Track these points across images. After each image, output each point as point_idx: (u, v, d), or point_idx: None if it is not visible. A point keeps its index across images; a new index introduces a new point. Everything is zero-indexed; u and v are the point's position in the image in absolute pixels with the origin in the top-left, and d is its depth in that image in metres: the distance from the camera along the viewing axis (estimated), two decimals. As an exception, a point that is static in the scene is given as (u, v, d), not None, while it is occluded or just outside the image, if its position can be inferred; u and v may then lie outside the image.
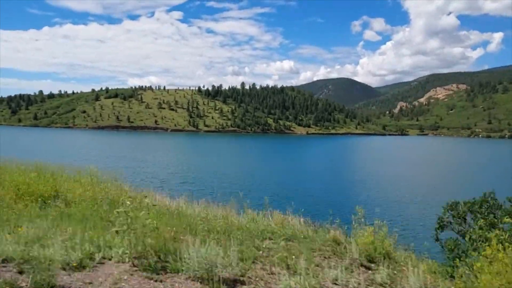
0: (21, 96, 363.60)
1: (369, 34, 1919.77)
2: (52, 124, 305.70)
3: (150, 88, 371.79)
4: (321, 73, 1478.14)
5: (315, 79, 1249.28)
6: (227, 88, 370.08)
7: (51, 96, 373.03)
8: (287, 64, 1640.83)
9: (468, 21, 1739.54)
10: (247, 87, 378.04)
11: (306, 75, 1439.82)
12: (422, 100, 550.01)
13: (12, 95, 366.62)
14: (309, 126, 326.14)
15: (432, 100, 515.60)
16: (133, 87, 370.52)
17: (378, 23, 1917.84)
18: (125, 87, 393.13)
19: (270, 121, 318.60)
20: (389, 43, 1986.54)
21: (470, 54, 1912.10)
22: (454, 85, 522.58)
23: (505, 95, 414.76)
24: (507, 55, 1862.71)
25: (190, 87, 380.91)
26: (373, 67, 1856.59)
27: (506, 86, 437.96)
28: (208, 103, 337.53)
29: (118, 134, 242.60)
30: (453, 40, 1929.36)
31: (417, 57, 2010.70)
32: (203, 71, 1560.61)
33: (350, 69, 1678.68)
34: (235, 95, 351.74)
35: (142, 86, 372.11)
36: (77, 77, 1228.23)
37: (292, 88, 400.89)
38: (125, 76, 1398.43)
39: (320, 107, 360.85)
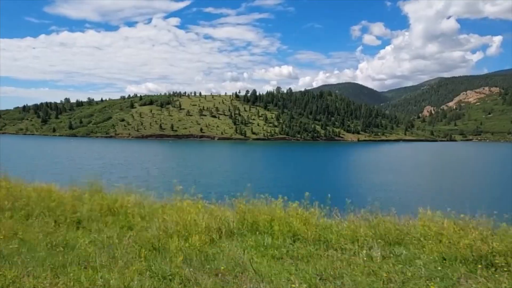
0: (47, 104, 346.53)
1: (368, 39, 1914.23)
2: (91, 133, 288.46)
3: (185, 94, 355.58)
4: (320, 78, 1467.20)
5: (314, 84, 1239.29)
6: (258, 92, 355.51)
7: (79, 104, 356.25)
8: (286, 69, 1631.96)
9: (467, 24, 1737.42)
10: (283, 91, 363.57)
11: (305, 80, 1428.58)
12: (451, 104, 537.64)
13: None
14: (358, 133, 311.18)
15: (462, 104, 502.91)
16: (168, 93, 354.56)
17: (378, 28, 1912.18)
18: (124, 94, 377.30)
19: (318, 127, 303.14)
20: (388, 48, 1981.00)
21: (470, 58, 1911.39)
22: (486, 88, 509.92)
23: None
24: (507, 58, 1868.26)
25: (226, 92, 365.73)
26: (372, 72, 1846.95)
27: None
28: (249, 109, 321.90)
29: (171, 144, 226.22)
30: (453, 44, 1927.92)
31: (417, 61, 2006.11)
32: (202, 77, 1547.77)
33: (349, 74, 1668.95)
34: (276, 101, 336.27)
35: (176, 92, 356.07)
36: (75, 85, 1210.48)
37: (329, 93, 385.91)
38: (123, 83, 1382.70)
39: (364, 112, 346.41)
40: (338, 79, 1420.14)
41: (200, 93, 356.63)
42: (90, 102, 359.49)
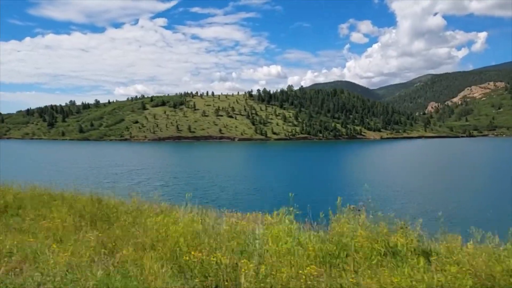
0: (52, 107, 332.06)
1: (356, 37, 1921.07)
2: (104, 137, 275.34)
3: (197, 94, 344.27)
4: (308, 77, 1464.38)
5: (303, 83, 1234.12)
6: (269, 90, 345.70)
7: (86, 106, 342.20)
8: (275, 69, 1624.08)
9: (453, 21, 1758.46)
10: (296, 88, 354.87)
11: (294, 80, 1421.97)
12: (455, 99, 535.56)
13: (42, 106, 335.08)
14: (379, 130, 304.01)
15: (468, 100, 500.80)
16: (180, 94, 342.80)
17: (365, 25, 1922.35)
18: (111, 96, 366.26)
19: (338, 126, 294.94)
20: (375, 45, 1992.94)
21: (456, 54, 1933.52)
22: (491, 83, 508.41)
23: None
24: (491, 54, 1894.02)
25: (238, 92, 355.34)
26: (360, 70, 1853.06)
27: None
28: (266, 109, 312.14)
29: (192, 146, 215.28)
30: (439, 40, 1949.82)
31: (404, 59, 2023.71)
32: (190, 78, 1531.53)
33: (337, 72, 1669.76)
34: (292, 99, 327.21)
35: (188, 93, 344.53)
36: (62, 87, 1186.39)
37: (342, 90, 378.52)
38: (110, 85, 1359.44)
39: (380, 110, 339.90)
40: (326, 78, 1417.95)
41: (212, 93, 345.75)
42: (97, 104, 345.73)
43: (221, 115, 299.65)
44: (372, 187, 47.08)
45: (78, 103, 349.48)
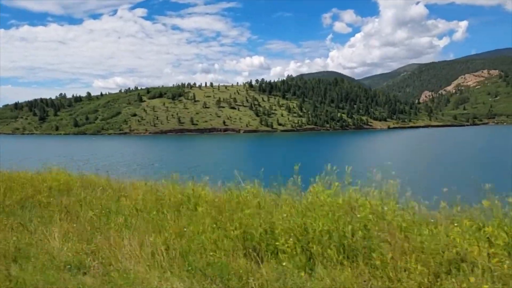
0: (42, 101, 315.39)
1: (339, 26, 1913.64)
2: (102, 131, 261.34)
3: (194, 85, 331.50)
4: (292, 67, 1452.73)
5: (286, 74, 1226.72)
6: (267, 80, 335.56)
7: (77, 99, 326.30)
8: (257, 59, 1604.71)
9: (435, 10, 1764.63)
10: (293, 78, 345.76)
11: (276, 71, 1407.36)
12: (449, 88, 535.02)
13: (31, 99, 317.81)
14: (384, 120, 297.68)
15: (462, 88, 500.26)
16: (177, 85, 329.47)
17: (348, 15, 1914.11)
18: (91, 89, 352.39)
19: (344, 116, 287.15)
20: (358, 35, 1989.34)
21: (437, 43, 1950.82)
22: (485, 71, 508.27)
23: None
24: (472, 43, 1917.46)
25: (237, 82, 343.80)
26: (343, 60, 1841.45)
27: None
28: (268, 99, 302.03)
29: (201, 139, 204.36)
30: (421, 29, 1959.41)
31: (386, 48, 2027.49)
32: (171, 69, 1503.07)
33: (320, 62, 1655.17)
34: (294, 89, 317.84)
35: (186, 84, 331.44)
36: (39, 81, 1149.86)
37: (342, 80, 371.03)
38: (89, 78, 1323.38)
39: (383, 99, 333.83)
40: (309, 68, 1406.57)
41: (211, 84, 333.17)
42: (90, 97, 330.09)
43: (223, 107, 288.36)
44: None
45: (53, 97, 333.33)
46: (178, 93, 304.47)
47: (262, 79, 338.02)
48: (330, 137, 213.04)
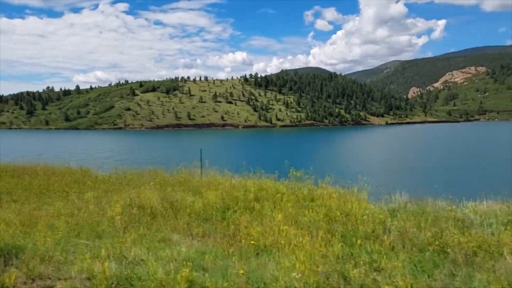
0: (28, 94, 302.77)
1: (320, 24, 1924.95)
2: (95, 125, 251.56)
3: (188, 78, 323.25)
4: (274, 64, 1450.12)
5: (268, 70, 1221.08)
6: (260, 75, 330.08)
7: (66, 92, 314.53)
8: (240, 55, 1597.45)
9: (415, 8, 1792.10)
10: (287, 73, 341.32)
11: (259, 67, 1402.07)
12: (437, 85, 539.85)
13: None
14: (382, 116, 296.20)
15: (450, 84, 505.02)
16: (171, 79, 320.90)
17: (330, 13, 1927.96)
18: (71, 84, 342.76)
19: (342, 111, 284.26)
20: (339, 33, 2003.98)
21: (416, 42, 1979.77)
22: (472, 68, 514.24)
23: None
24: (450, 41, 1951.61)
25: (232, 76, 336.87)
26: (325, 57, 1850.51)
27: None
28: (265, 94, 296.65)
29: (204, 134, 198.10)
30: (401, 28, 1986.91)
31: (367, 46, 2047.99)
32: (153, 65, 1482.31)
33: (302, 59, 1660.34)
34: (291, 84, 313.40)
35: (179, 78, 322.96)
36: (17, 75, 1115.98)
37: (336, 75, 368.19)
38: (70, 72, 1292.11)
39: (378, 95, 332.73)
40: (292, 65, 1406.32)
41: (206, 78, 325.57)
42: (79, 90, 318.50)
43: (220, 101, 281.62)
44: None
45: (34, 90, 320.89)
46: (173, 87, 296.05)
47: (256, 74, 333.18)
48: (335, 133, 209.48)
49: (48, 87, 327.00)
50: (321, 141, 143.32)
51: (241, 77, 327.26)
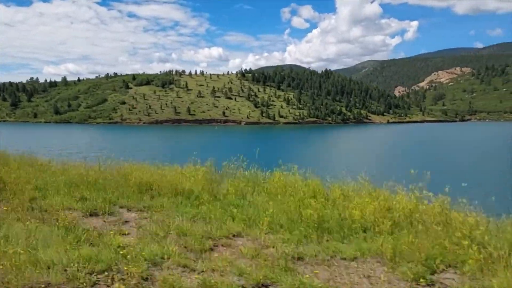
0: (11, 85, 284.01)
1: (297, 21, 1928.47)
2: (89, 119, 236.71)
3: (183, 72, 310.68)
4: (250, 60, 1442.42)
5: (244, 66, 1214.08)
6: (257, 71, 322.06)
7: (52, 84, 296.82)
8: (216, 51, 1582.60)
9: (389, 9, 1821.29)
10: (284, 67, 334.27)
11: (235, 63, 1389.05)
12: (422, 84, 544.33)
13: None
14: (382, 114, 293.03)
15: (435, 85, 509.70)
16: (165, 72, 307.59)
17: (306, 10, 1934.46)
18: (40, 76, 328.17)
19: (343, 109, 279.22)
20: (315, 31, 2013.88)
21: (390, 42, 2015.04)
22: (458, 69, 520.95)
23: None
24: (422, 42, 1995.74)
25: (228, 71, 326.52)
26: (300, 55, 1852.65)
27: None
28: (264, 90, 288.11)
29: (214, 130, 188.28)
30: (375, 28, 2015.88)
31: (342, 45, 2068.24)
32: (127, 58, 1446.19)
33: (278, 56, 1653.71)
34: (289, 81, 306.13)
35: (173, 71, 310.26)
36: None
37: (331, 72, 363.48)
38: (39, 63, 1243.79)
39: (375, 93, 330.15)
40: (267, 62, 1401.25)
41: (202, 72, 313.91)
42: (66, 82, 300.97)
43: (219, 96, 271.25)
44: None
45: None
46: (168, 80, 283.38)
47: (250, 69, 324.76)
48: (340, 130, 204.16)
49: (31, 78, 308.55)
50: (347, 141, 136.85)
51: (237, 72, 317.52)
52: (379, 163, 63.77)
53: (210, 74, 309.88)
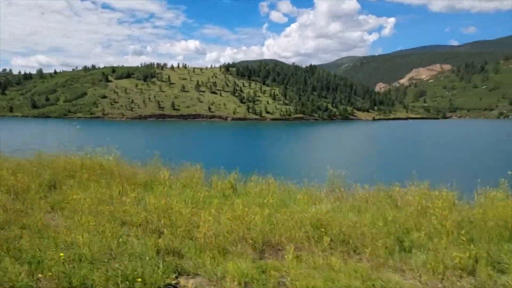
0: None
1: (275, 16, 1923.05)
2: (69, 114, 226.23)
3: (165, 65, 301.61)
4: (227, 54, 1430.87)
5: (221, 60, 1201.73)
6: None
7: (27, 76, 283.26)
8: (193, 44, 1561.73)
9: (367, 5, 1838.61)
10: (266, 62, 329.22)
11: (212, 56, 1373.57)
12: (403, 81, 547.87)
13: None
14: (367, 111, 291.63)
15: (415, 81, 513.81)
16: (146, 64, 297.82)
17: (285, 5, 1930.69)
18: (6, 67, 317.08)
19: (329, 105, 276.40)
20: (293, 25, 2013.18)
21: (367, 38, 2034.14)
22: (438, 65, 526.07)
23: (507, 75, 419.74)
24: (398, 39, 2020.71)
25: (212, 65, 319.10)
26: (278, 49, 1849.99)
27: (497, 67, 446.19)
28: (249, 85, 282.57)
29: (204, 127, 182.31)
30: (353, 24, 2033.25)
31: (320, 40, 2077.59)
32: (101, 50, 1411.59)
33: (256, 50, 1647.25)
34: (274, 76, 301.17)
35: (154, 64, 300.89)
36: None
37: (315, 67, 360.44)
38: (7, 54, 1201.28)
39: (360, 89, 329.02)
40: (246, 56, 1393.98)
41: (184, 65, 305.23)
42: (41, 74, 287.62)
43: (203, 91, 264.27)
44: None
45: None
46: (150, 73, 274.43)
47: (234, 63, 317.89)
48: (330, 127, 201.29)
49: (4, 69, 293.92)
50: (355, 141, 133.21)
51: (221, 65, 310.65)
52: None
53: (193, 68, 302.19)
